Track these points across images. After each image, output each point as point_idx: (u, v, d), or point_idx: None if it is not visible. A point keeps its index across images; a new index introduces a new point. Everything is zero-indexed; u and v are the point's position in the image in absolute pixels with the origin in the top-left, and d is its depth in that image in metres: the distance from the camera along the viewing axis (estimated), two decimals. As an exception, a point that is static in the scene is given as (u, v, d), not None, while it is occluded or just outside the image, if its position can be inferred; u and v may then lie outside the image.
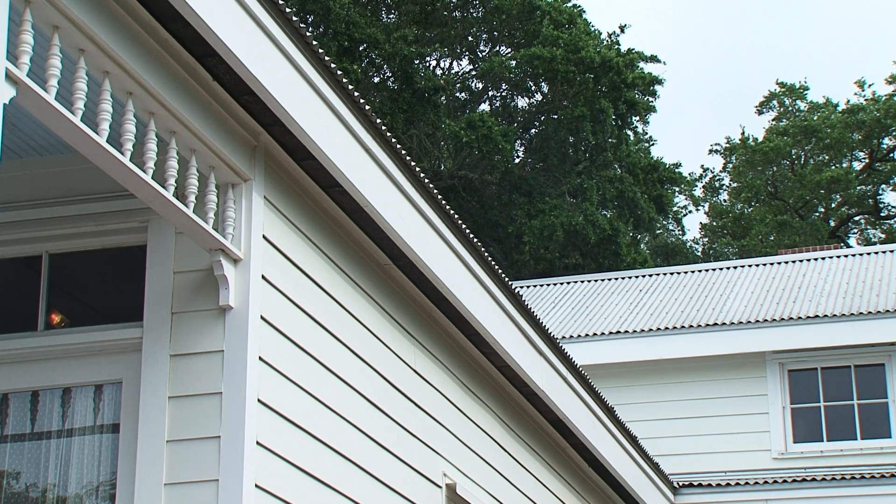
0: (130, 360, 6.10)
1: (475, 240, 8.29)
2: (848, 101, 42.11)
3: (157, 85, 5.49)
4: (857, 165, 42.02)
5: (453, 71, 33.83)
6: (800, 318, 15.71)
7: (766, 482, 13.39)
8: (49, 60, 4.98)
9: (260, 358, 6.08)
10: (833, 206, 42.30)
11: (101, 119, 5.23)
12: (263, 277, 6.21)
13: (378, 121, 6.93)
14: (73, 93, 5.11)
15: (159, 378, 5.98)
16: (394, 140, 7.14)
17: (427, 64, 32.88)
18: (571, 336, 16.43)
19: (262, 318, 6.15)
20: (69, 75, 5.21)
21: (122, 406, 6.07)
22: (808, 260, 18.85)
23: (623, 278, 19.55)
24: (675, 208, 40.34)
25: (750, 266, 19.07)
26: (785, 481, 13.32)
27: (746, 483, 13.45)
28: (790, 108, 43.53)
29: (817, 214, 42.10)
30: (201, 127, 5.81)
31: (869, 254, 18.72)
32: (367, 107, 6.83)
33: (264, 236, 6.27)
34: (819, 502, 13.15)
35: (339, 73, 6.50)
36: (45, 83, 4.95)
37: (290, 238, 6.52)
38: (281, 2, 5.91)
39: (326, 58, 6.36)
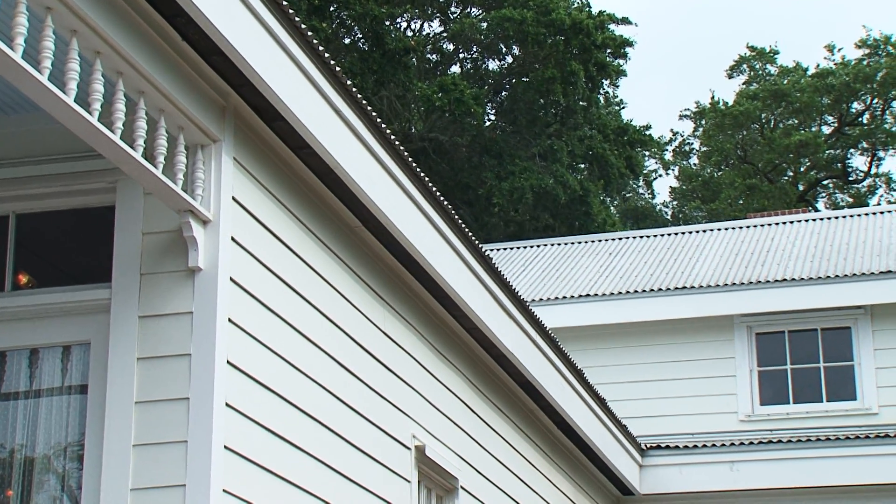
0: (98, 322, 6.08)
1: (445, 202, 8.28)
2: (818, 66, 42.23)
3: (126, 45, 5.44)
4: (826, 130, 42.19)
5: (424, 33, 33.69)
6: (768, 281, 15.80)
7: (732, 444, 13.49)
8: (16, 19, 4.93)
9: (229, 320, 6.07)
10: (802, 170, 42.49)
11: (68, 79, 5.18)
12: (233, 239, 6.19)
13: (348, 82, 6.89)
14: (40, 52, 5.06)
15: (128, 339, 5.96)
16: (364, 102, 7.11)
17: (398, 25, 32.72)
18: (541, 299, 16.46)
19: (231, 279, 6.13)
20: (36, 34, 5.16)
21: (91, 367, 6.05)
22: (777, 224, 18.94)
23: (593, 241, 19.60)
24: (645, 171, 40.42)
25: (719, 230, 19.15)
26: (751, 443, 13.42)
27: (713, 445, 13.55)
28: (760, 72, 43.61)
29: (786, 178, 42.28)
30: (170, 87, 5.76)
31: (837, 218, 18.82)
32: (338, 68, 6.79)
33: (234, 198, 6.24)
34: (785, 464, 13.27)
35: (309, 33, 6.46)
36: (11, 41, 4.90)
37: (259, 200, 6.50)
38: (251, -39, 5.86)
39: (296, 18, 6.32)
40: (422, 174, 7.92)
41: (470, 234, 8.74)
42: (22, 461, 6.08)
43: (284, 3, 6.20)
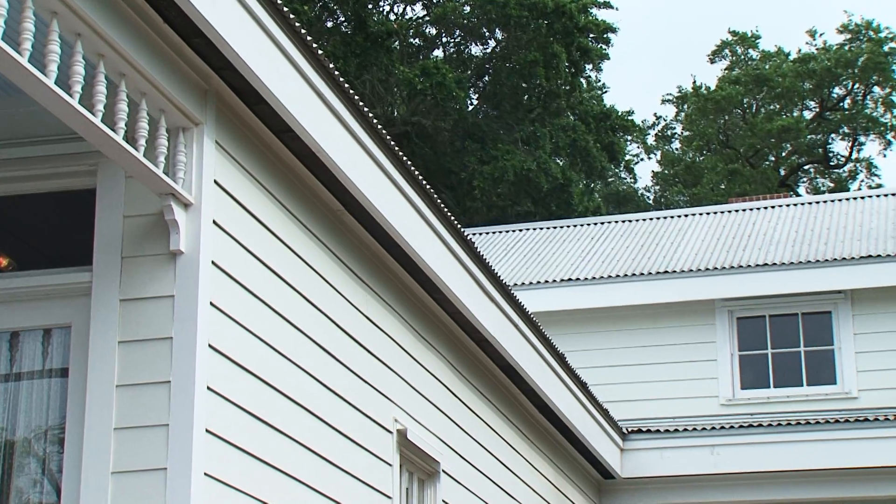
0: (79, 305, 6.06)
1: (428, 186, 8.28)
2: (799, 51, 42.32)
3: (107, 26, 5.42)
4: (808, 115, 42.28)
5: (407, 17, 33.61)
6: (749, 266, 15.85)
7: (713, 428, 13.54)
8: (-5, 0, 4.89)
9: (211, 303, 6.06)
10: (783, 154, 42.59)
11: (48, 60, 5.15)
12: (215, 222, 6.18)
13: (331, 65, 6.87)
14: (20, 33, 5.02)
15: (109, 322, 5.94)
16: (347, 85, 7.09)
17: (381, 8, 32.65)
18: (523, 283, 16.48)
19: (213, 263, 6.12)
20: (16, 15, 5.13)
21: (72, 350, 6.03)
22: (758, 209, 18.99)
23: (575, 226, 19.62)
24: (627, 156, 40.46)
25: (700, 214, 19.19)
26: (732, 427, 13.47)
27: (694, 429, 13.61)
28: (742, 57, 43.68)
29: (768, 163, 42.39)
30: (151, 70, 5.74)
31: (818, 202, 18.89)
32: (320, 51, 6.77)
33: (216, 181, 6.22)
34: (765, 447, 13.33)
35: (291, 16, 6.44)
36: (-9, 23, 4.87)
37: (241, 183, 6.48)
38: (232, -57, 5.84)
39: (279, 1, 6.29)
40: (404, 158, 7.91)
41: (452, 218, 8.74)
42: (2, 445, 6.07)
43: (266, -15, 6.18)
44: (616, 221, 19.57)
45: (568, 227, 19.60)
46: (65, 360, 6.07)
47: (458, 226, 8.84)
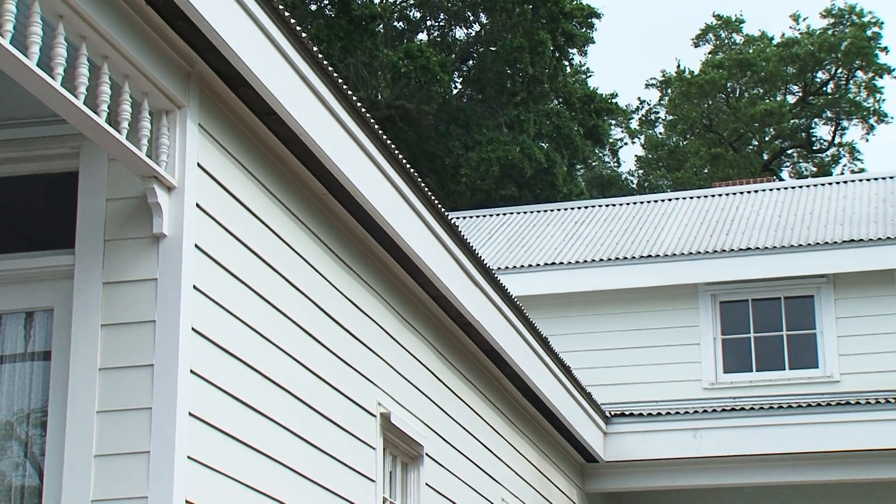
0: (62, 288, 6.04)
1: (411, 170, 8.27)
2: (783, 35, 42.38)
3: (89, 8, 5.39)
4: (791, 99, 42.36)
5: (390, 0, 33.52)
6: (732, 250, 15.89)
7: (696, 411, 13.58)
8: (-23, -19, 4.86)
9: (194, 286, 6.05)
10: (766, 139, 42.67)
11: (30, 42, 5.12)
12: (198, 206, 6.16)
13: (314, 48, 6.85)
14: (1, 15, 4.99)
15: (91, 306, 5.93)
16: (330, 69, 7.07)
17: (364, -9, 32.52)
18: (507, 267, 16.49)
19: (196, 246, 6.11)
20: (-2, -3, 5.10)
21: (54, 334, 6.01)
22: (742, 193, 19.03)
23: (559, 210, 19.63)
24: (610, 140, 40.49)
25: (684, 198, 19.22)
26: (714, 410, 13.52)
27: (677, 412, 13.65)
28: (726, 41, 43.71)
29: (751, 148, 42.47)
30: (134, 52, 5.71)
31: (801, 187, 18.93)
32: (304, 34, 6.75)
33: (199, 164, 6.20)
34: (748, 431, 13.37)
35: (275, -1, 6.42)
36: (-28, 5, 4.84)
37: (225, 166, 6.46)
38: (216, -75, 5.81)
39: (262, -17, 6.27)
40: (388, 142, 7.90)
41: (436, 201, 8.73)
42: (-15, 428, 6.05)
43: (250, -33, 6.15)
44: (600, 206, 19.59)
45: (552, 211, 19.61)
46: (47, 344, 6.05)
47: (442, 210, 8.84)
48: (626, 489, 13.99)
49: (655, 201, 19.31)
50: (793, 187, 19.00)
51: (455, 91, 32.33)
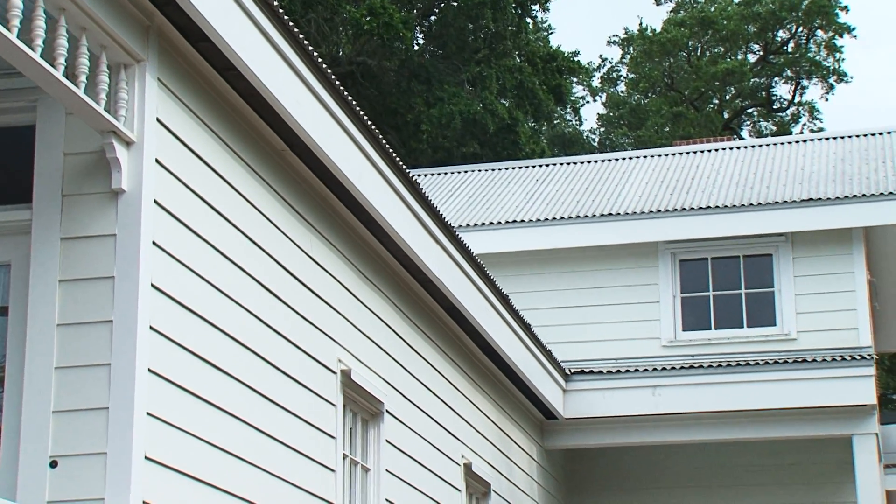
0: (19, 243, 5.99)
1: (373, 127, 8.24)
2: (745, -6, 42.34)
3: (46, -40, 5.32)
4: (752, 58, 42.45)
5: (352, -46, 33.24)
6: (692, 208, 15.95)
7: (654, 369, 13.68)
8: (-70, -69, 4.79)
9: (153, 242, 6.01)
10: (727, 98, 42.78)
11: (-14, -6, 5.06)
12: (157, 161, 6.12)
13: (275, 3, 6.80)
14: (-44, -34, 4.92)
15: (49, 261, 5.89)
16: (291, 24, 7.02)
17: (326, -54, 32.24)
18: (468, 225, 16.49)
19: (155, 202, 6.07)
20: (-48, -53, 5.02)
21: (11, 289, 5.97)
22: (702, 151, 19.08)
23: (520, 168, 19.62)
24: (572, 98, 40.46)
25: (645, 157, 19.25)
26: (673, 368, 13.62)
27: (636, 370, 13.74)
28: (688, 0, 43.68)
29: (712, 106, 42.57)
30: (92, 5, 5.64)
31: (760, 146, 19.00)
32: (264, -12, 6.69)
33: (158, 119, 6.15)
34: (706, 388, 13.50)
35: (234, -48, 6.35)
36: (-74, -45, 4.76)
37: (184, 121, 6.41)
38: None
39: (222, -64, 6.20)
40: (349, 98, 7.86)
41: (397, 158, 8.71)
42: (-58, 384, 6.01)
43: (209, -80, 6.08)
44: (561, 164, 19.59)
45: (513, 169, 19.60)
46: (4, 299, 6.01)
47: (404, 167, 8.82)
48: (585, 446, 14.11)
49: (616, 160, 19.34)
50: (752, 146, 19.07)
51: (417, 48, 32.19)
